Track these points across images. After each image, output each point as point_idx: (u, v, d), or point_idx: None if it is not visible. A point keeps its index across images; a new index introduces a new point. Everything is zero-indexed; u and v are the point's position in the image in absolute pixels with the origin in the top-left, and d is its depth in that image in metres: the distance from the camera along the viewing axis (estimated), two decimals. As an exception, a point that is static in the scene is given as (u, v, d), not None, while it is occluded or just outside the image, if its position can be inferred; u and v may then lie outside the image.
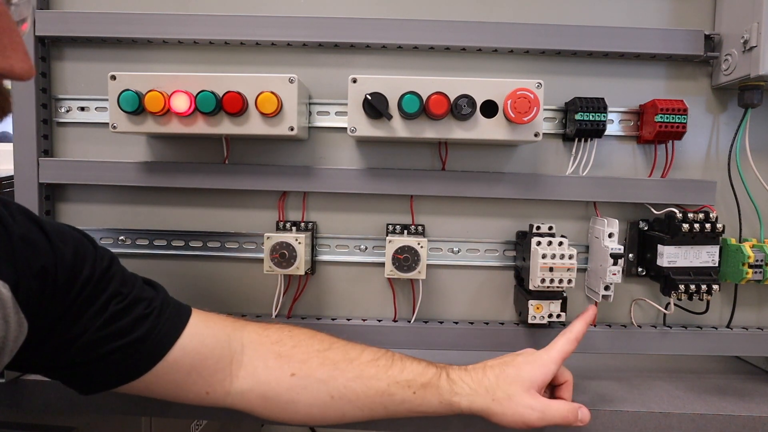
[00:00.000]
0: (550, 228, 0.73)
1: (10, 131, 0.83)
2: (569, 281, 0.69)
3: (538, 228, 0.73)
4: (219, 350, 0.59)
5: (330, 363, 0.60)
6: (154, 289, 0.60)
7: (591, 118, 0.72)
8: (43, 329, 0.51)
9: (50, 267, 0.50)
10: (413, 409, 0.59)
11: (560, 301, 0.73)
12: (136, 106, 0.67)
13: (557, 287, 0.70)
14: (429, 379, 0.60)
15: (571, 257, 0.69)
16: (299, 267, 0.72)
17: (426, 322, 0.80)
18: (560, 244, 0.71)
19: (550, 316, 0.73)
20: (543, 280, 0.69)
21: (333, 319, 0.80)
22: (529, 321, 0.73)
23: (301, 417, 0.60)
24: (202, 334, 0.59)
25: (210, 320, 0.61)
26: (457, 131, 0.68)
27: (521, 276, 0.77)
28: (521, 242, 0.76)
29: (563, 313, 0.73)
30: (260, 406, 0.60)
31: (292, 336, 0.63)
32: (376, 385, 0.59)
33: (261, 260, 0.73)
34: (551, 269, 0.69)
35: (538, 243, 0.71)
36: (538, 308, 0.73)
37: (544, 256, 0.69)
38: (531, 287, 0.71)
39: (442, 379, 0.60)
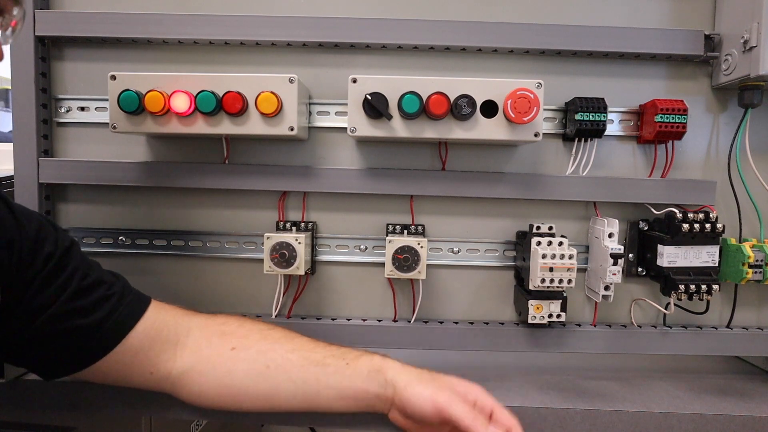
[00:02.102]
0: (550, 228, 0.73)
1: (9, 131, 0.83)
2: (569, 281, 0.69)
3: (538, 228, 0.73)
4: (166, 333, 0.62)
5: (271, 339, 0.64)
6: (114, 276, 0.63)
7: (591, 118, 0.72)
8: (10, 302, 0.54)
9: (16, 239, 0.54)
10: (343, 384, 0.60)
11: (560, 301, 0.73)
12: (136, 106, 0.67)
13: (557, 287, 0.70)
14: (363, 354, 0.63)
15: (571, 257, 0.69)
16: (299, 267, 0.72)
17: (426, 322, 0.80)
18: (560, 244, 0.71)
19: (550, 316, 0.73)
20: (543, 280, 0.69)
21: (333, 319, 0.80)
22: (529, 321, 0.73)
23: (235, 391, 0.61)
24: (154, 319, 0.62)
25: (163, 309, 0.64)
26: (457, 131, 0.68)
27: (521, 276, 0.77)
28: (521, 242, 0.76)
29: (563, 313, 0.73)
30: (200, 384, 0.62)
31: (239, 319, 0.67)
32: (312, 357, 0.62)
33: (261, 260, 0.73)
34: (551, 269, 0.69)
35: (538, 243, 0.71)
36: (538, 308, 0.73)
37: (544, 256, 0.69)
38: (531, 287, 0.71)
39: (376, 355, 0.63)
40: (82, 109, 0.79)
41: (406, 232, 0.78)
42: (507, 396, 0.72)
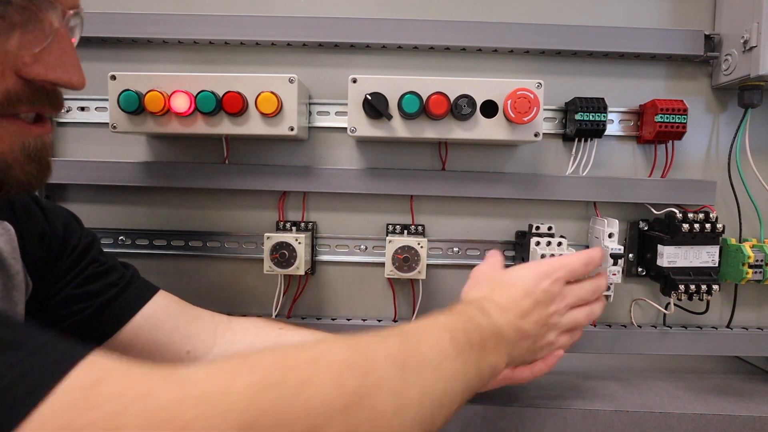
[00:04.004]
0: (550, 228, 0.73)
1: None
2: None
3: (538, 228, 0.73)
4: (201, 315, 0.64)
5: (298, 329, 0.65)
6: (125, 268, 0.64)
7: (591, 118, 0.72)
8: (39, 293, 0.55)
9: (46, 233, 0.56)
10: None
11: (560, 301, 0.73)
12: (136, 106, 0.67)
13: (557, 287, 0.69)
14: None
15: (570, 257, 0.69)
16: (299, 267, 0.72)
17: (426, 322, 0.80)
18: (559, 244, 0.71)
19: (550, 315, 0.73)
20: (542, 280, 0.69)
21: (333, 319, 0.80)
22: (529, 321, 0.73)
23: None
24: (167, 301, 0.63)
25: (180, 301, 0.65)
26: (457, 131, 0.68)
27: (521, 276, 0.76)
28: (520, 242, 0.76)
29: (563, 313, 0.73)
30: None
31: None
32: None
33: (261, 260, 0.73)
34: (550, 269, 0.69)
35: (537, 243, 0.71)
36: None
37: (543, 257, 0.69)
38: (531, 287, 0.71)
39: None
40: (82, 109, 0.79)
41: (406, 232, 0.78)
42: (507, 396, 0.72)
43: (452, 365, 0.42)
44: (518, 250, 0.78)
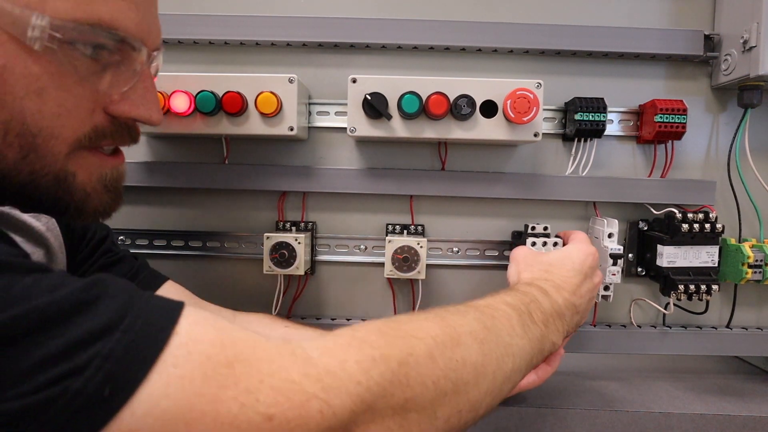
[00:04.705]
0: (545, 228, 0.73)
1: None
2: None
3: (533, 228, 0.73)
4: (206, 307, 0.65)
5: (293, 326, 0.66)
6: (135, 259, 0.66)
7: (591, 118, 0.72)
8: None
9: (70, 225, 0.59)
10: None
11: (558, 301, 0.73)
12: (136, 106, 0.67)
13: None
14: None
15: (566, 257, 0.69)
16: (299, 267, 0.72)
17: (426, 322, 0.80)
18: (555, 244, 0.71)
19: (549, 316, 0.73)
20: (539, 281, 0.69)
21: (333, 319, 0.80)
22: (528, 321, 0.73)
23: None
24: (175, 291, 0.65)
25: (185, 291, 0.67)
26: (457, 131, 0.68)
27: (520, 276, 0.76)
28: (517, 242, 0.76)
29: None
30: None
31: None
32: None
33: (261, 260, 0.73)
34: (547, 270, 0.69)
35: (533, 243, 0.71)
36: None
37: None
38: (527, 288, 0.70)
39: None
40: (82, 109, 0.79)
41: (405, 232, 0.78)
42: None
43: (520, 342, 0.47)
44: (517, 250, 0.78)
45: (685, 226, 0.71)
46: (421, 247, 0.72)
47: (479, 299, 0.51)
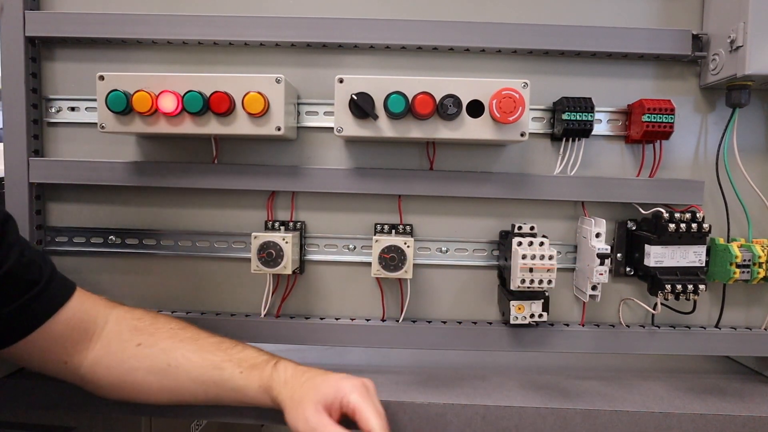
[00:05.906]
0: (532, 228, 0.73)
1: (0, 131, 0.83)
2: (549, 282, 0.69)
3: (520, 228, 0.73)
4: (84, 325, 0.64)
5: (177, 338, 0.66)
6: (43, 260, 0.64)
7: (578, 118, 0.72)
8: None
9: None
10: (237, 388, 0.63)
11: (542, 301, 0.73)
12: (124, 107, 0.67)
13: (538, 288, 0.69)
14: (258, 362, 0.64)
15: (551, 258, 0.69)
16: (286, 266, 0.72)
17: (414, 322, 0.80)
18: (541, 244, 0.70)
19: (532, 316, 0.73)
20: (523, 281, 0.69)
21: (322, 319, 0.81)
22: (511, 321, 0.73)
23: (138, 387, 0.64)
24: (77, 309, 0.64)
25: (87, 298, 0.66)
26: (444, 131, 0.69)
27: (504, 276, 0.76)
28: (504, 242, 0.76)
29: (545, 313, 0.73)
30: (105, 378, 0.64)
31: (155, 316, 0.69)
32: (210, 358, 0.64)
33: (250, 260, 0.74)
34: (531, 270, 0.69)
35: (519, 243, 0.71)
36: (519, 308, 0.73)
37: (524, 257, 0.69)
38: (512, 287, 0.70)
39: (269, 366, 0.63)
40: (72, 109, 0.79)
41: (394, 231, 0.78)
42: (508, 396, 0.73)
43: None
44: (501, 250, 0.78)
45: (672, 225, 0.71)
46: (407, 246, 0.72)
47: None
